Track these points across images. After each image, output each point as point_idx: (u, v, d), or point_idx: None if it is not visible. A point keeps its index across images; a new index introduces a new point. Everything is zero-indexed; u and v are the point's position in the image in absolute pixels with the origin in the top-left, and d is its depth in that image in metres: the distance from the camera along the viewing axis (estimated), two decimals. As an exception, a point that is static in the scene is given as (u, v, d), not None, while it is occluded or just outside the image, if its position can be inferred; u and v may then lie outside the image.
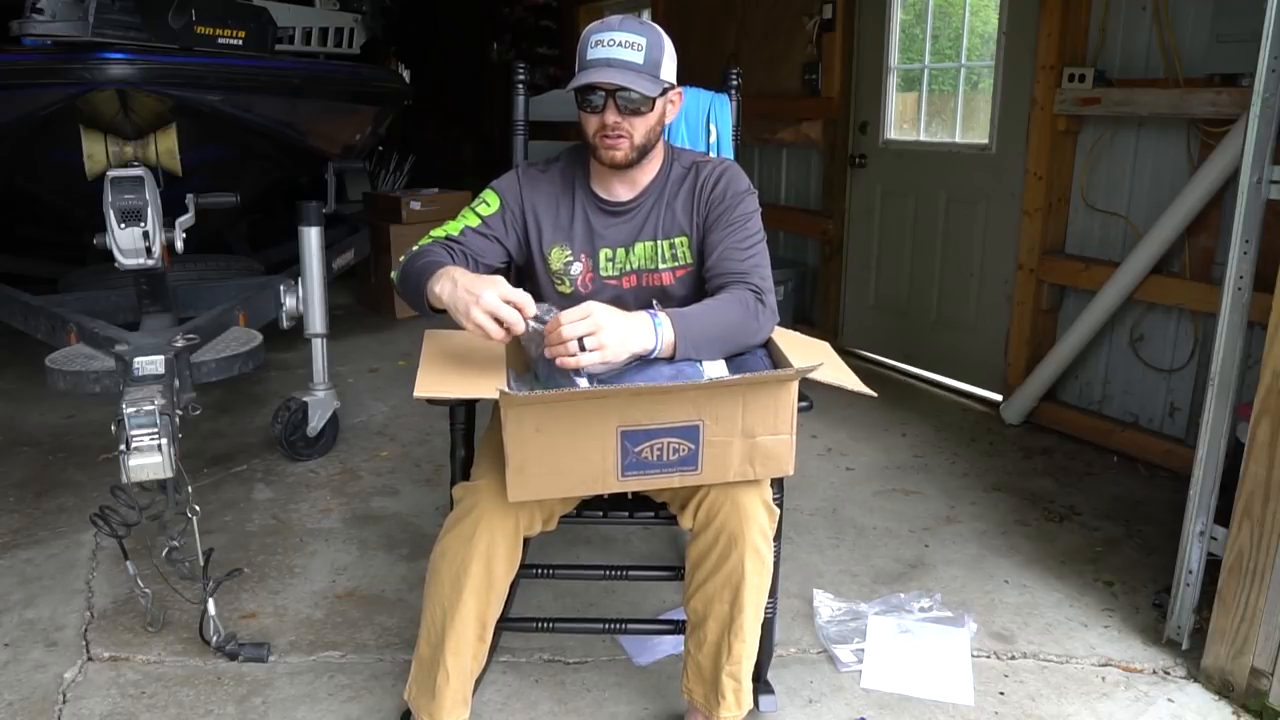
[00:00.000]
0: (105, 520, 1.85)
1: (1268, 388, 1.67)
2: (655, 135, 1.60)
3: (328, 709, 1.78)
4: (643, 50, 1.51)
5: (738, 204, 1.62)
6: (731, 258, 1.59)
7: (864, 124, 3.99)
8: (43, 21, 2.44)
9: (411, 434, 3.20)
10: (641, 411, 1.35)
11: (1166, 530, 2.37)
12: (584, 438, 1.36)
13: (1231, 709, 1.78)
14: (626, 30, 1.51)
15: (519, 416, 1.33)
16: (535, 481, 1.39)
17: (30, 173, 3.46)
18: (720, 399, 1.36)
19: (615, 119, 1.53)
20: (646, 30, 1.53)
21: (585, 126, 1.58)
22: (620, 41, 1.50)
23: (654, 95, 1.52)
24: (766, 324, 1.55)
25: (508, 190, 1.68)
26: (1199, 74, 2.69)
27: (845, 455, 3.04)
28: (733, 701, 1.56)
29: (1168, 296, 2.85)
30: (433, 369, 1.48)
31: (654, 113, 1.56)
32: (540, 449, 1.36)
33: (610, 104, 1.52)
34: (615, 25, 1.52)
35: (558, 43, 6.98)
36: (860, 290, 4.16)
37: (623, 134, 1.54)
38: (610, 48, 1.50)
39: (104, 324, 2.53)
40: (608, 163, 1.58)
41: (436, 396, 1.43)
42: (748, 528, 1.46)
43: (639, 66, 1.50)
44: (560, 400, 1.33)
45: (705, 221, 1.63)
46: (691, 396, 1.35)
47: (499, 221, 1.65)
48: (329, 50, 4.11)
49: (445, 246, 1.60)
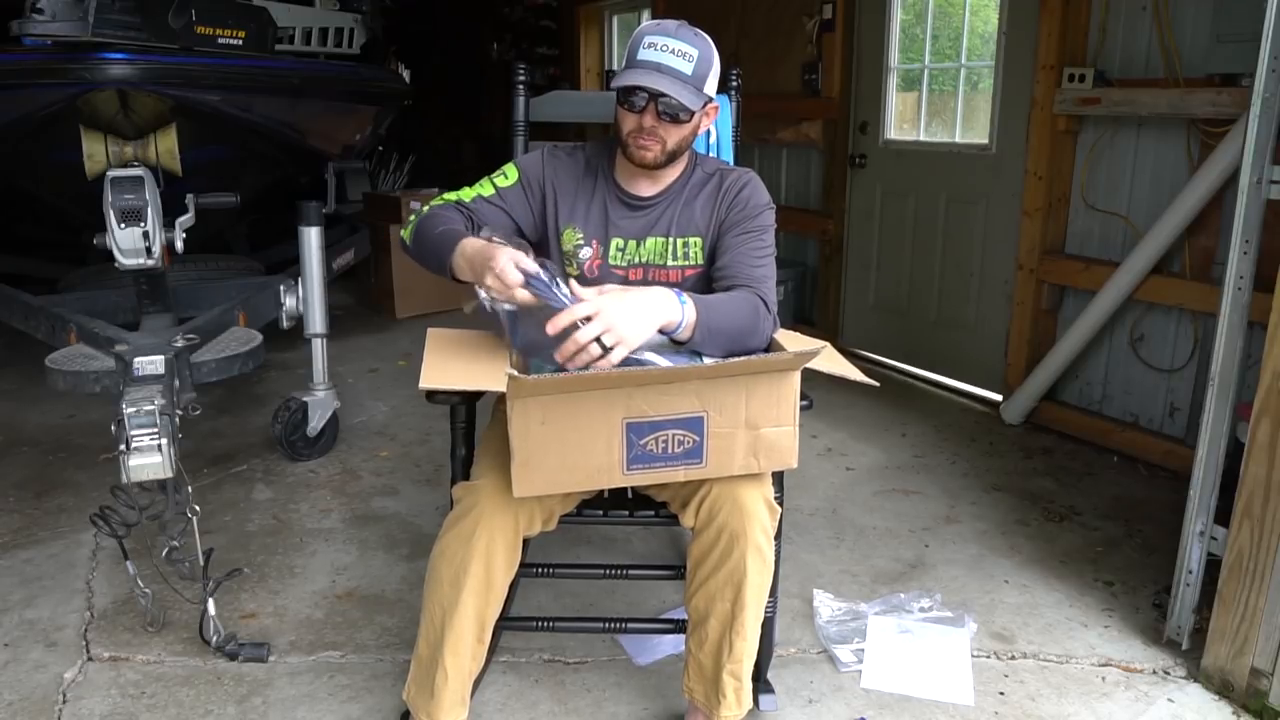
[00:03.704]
0: (105, 520, 1.85)
1: (1268, 388, 1.67)
2: (687, 143, 1.62)
3: (328, 709, 1.78)
4: (693, 62, 1.52)
5: (757, 214, 1.64)
6: (745, 263, 1.60)
7: (864, 124, 3.99)
8: (43, 21, 2.44)
9: (411, 434, 3.20)
10: (646, 402, 1.35)
11: (1166, 530, 2.37)
12: (589, 430, 1.36)
13: (1231, 709, 1.78)
14: (682, 39, 1.53)
15: (524, 408, 1.32)
16: (540, 476, 1.39)
17: (30, 173, 3.47)
18: (724, 390, 1.36)
19: (653, 123, 1.55)
20: (700, 43, 1.55)
21: (621, 122, 1.60)
22: (673, 49, 1.52)
23: (695, 109, 1.54)
24: (768, 332, 1.57)
25: (530, 166, 1.69)
26: (1199, 74, 2.69)
27: (845, 455, 3.04)
28: (733, 700, 1.56)
29: (1168, 296, 2.85)
30: (437, 362, 1.49)
31: (691, 123, 1.58)
32: (545, 442, 1.36)
33: (651, 108, 1.54)
34: (671, 31, 1.54)
35: (558, 43, 6.98)
36: (860, 290, 4.16)
37: (657, 139, 1.56)
38: (663, 53, 1.51)
39: (104, 324, 2.53)
40: (637, 162, 1.60)
41: (442, 388, 1.43)
42: (749, 526, 1.46)
43: (686, 77, 1.52)
44: (567, 387, 1.32)
45: (723, 224, 1.65)
46: (696, 386, 1.35)
47: (513, 194, 1.66)
48: (329, 50, 4.11)
49: (457, 209, 1.62)
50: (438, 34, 7.87)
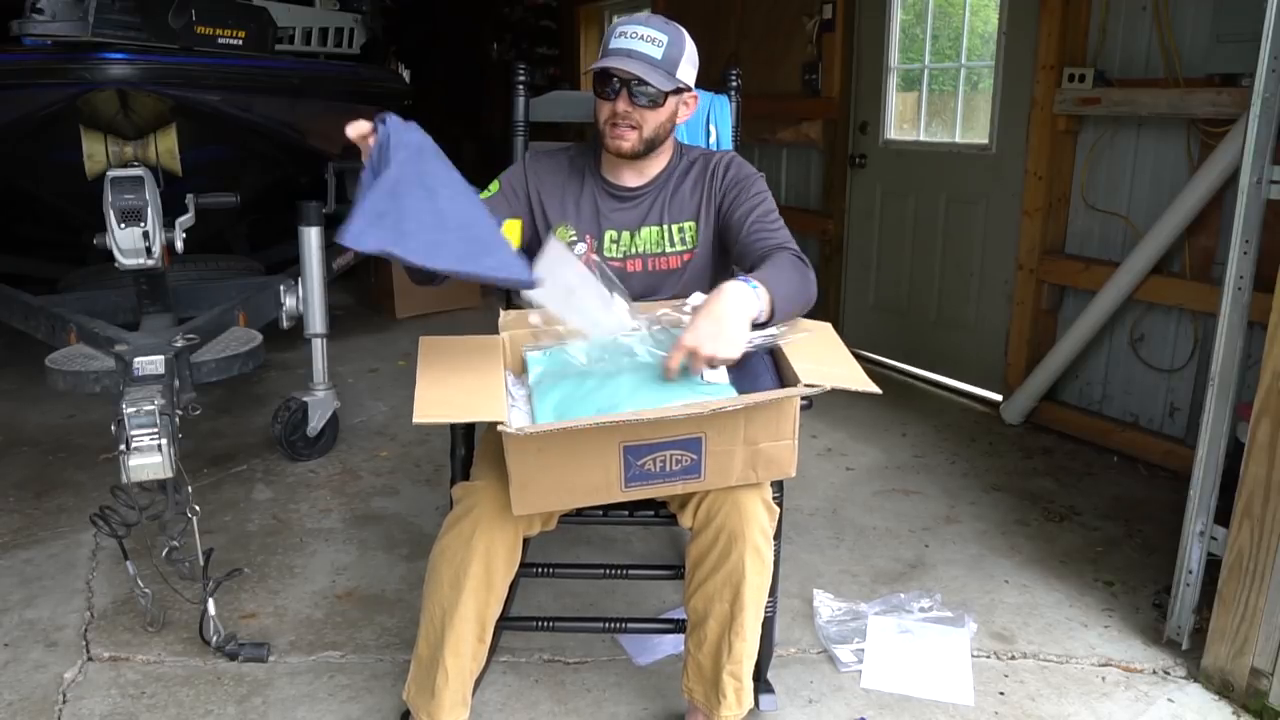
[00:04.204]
0: (105, 520, 1.85)
1: (1268, 388, 1.67)
2: (665, 132, 1.66)
3: (328, 709, 1.78)
4: (663, 47, 1.57)
5: (751, 185, 1.69)
6: (764, 228, 1.63)
7: (864, 124, 3.99)
8: (43, 21, 2.44)
9: (411, 434, 3.20)
10: (644, 427, 1.35)
11: (1166, 530, 2.37)
12: (586, 456, 1.36)
13: (1231, 709, 1.78)
14: (651, 26, 1.58)
15: (520, 442, 1.33)
16: (539, 496, 1.40)
17: (30, 173, 3.47)
18: (722, 413, 1.36)
19: (626, 108, 1.59)
20: (670, 30, 1.60)
21: (599, 112, 1.64)
22: (643, 35, 1.57)
23: (666, 90, 1.58)
24: (813, 278, 1.58)
25: (511, 175, 1.75)
26: (1199, 74, 2.69)
27: (845, 455, 3.04)
28: (733, 700, 1.56)
29: (1168, 296, 2.85)
30: (431, 387, 1.41)
31: (665, 109, 1.62)
32: (543, 467, 1.36)
33: (624, 93, 1.58)
34: (642, 20, 1.60)
35: (558, 43, 6.98)
36: (860, 290, 4.16)
37: (633, 124, 1.60)
38: (632, 40, 1.57)
39: (104, 324, 2.52)
40: (614, 151, 1.64)
41: (438, 421, 1.40)
42: (748, 527, 1.46)
43: (656, 61, 1.56)
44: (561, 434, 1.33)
45: (722, 206, 1.69)
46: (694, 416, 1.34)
47: (496, 202, 1.69)
48: (329, 50, 4.11)
49: None
50: (438, 34, 7.87)
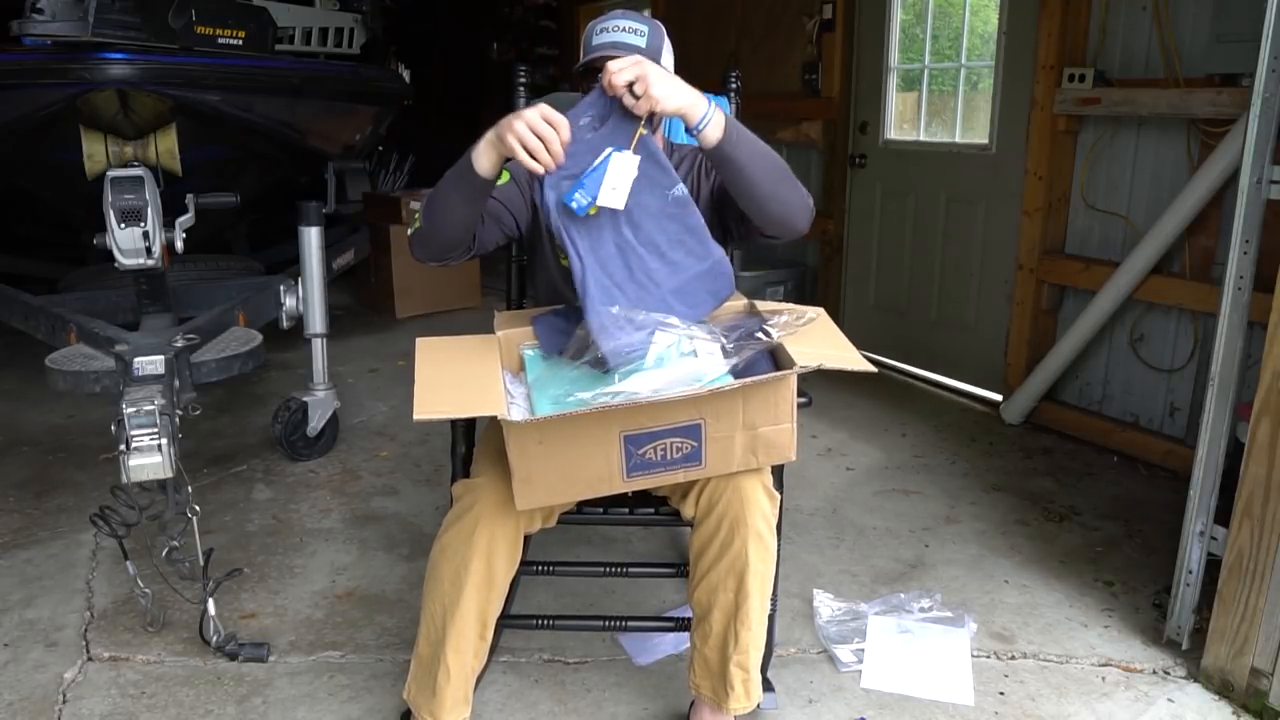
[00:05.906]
0: (105, 520, 1.85)
1: (1268, 388, 1.67)
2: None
3: (328, 709, 1.78)
4: (645, 37, 1.60)
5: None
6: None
7: (864, 124, 3.99)
8: (43, 21, 2.44)
9: (411, 434, 3.20)
10: (644, 415, 1.36)
11: (1166, 530, 2.37)
12: (587, 445, 1.37)
13: (1231, 709, 1.78)
14: (630, 19, 1.61)
15: (521, 431, 1.34)
16: (542, 490, 1.40)
17: (30, 173, 3.47)
18: (720, 397, 1.37)
19: None
20: (648, 22, 1.64)
21: None
22: (624, 28, 1.60)
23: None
24: (808, 200, 1.57)
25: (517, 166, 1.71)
26: (1199, 74, 2.69)
27: (845, 455, 3.04)
28: (742, 693, 1.55)
29: (1168, 296, 2.85)
30: (429, 385, 1.41)
31: None
32: (544, 459, 1.37)
33: None
34: (618, 15, 1.63)
35: (558, 43, 6.98)
36: (860, 290, 4.16)
37: None
38: (615, 33, 1.59)
39: (104, 324, 2.53)
40: None
41: (437, 418, 1.41)
42: (750, 513, 1.46)
43: (642, 49, 1.57)
44: (562, 419, 1.34)
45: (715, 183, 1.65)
46: (692, 400, 1.35)
47: (508, 191, 1.68)
48: (329, 50, 4.11)
49: None
50: (438, 34, 7.87)
